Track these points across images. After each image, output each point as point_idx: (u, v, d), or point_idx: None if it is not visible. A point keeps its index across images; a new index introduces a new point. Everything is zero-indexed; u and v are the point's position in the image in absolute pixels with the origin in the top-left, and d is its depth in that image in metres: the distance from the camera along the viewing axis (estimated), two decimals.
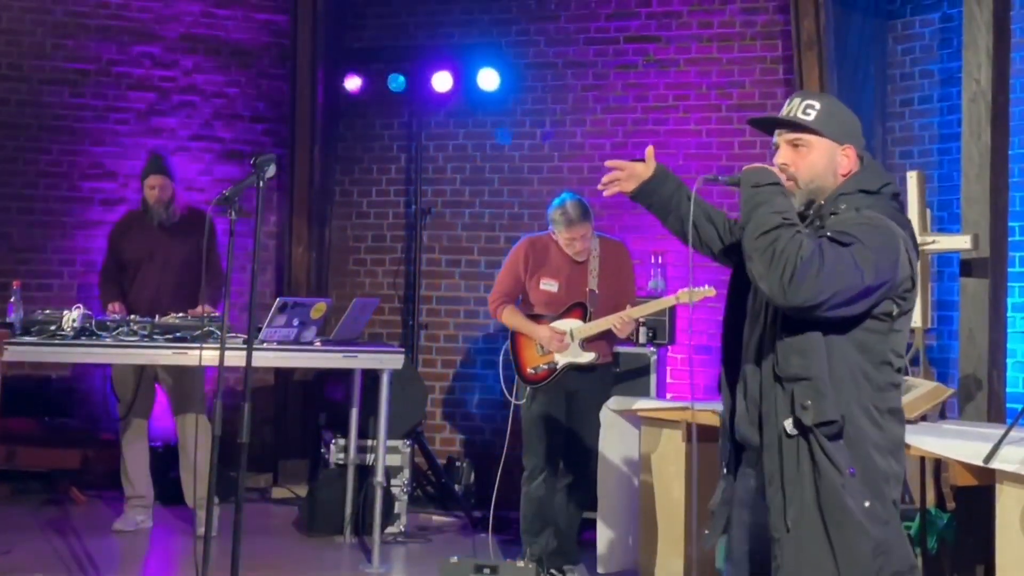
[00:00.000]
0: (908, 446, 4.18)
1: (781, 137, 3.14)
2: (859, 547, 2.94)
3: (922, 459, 5.15)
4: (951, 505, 5.70)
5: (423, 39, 8.32)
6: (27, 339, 5.50)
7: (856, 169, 3.11)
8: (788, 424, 2.97)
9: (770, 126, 3.20)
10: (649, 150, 3.40)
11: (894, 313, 3.00)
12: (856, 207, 3.01)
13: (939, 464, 5.59)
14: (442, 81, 8.03)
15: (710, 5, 7.78)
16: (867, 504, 2.95)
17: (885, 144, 7.31)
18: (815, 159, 3.09)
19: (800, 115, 3.09)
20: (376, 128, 8.47)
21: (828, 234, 2.91)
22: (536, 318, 5.76)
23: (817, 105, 3.10)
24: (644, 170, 3.36)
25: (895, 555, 3.00)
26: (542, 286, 5.78)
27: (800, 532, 2.97)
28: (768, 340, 3.05)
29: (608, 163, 3.43)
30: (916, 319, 6.03)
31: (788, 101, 3.17)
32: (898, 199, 3.15)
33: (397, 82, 8.11)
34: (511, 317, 5.82)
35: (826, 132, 3.08)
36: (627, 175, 3.37)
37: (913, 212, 6.06)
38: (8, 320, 5.54)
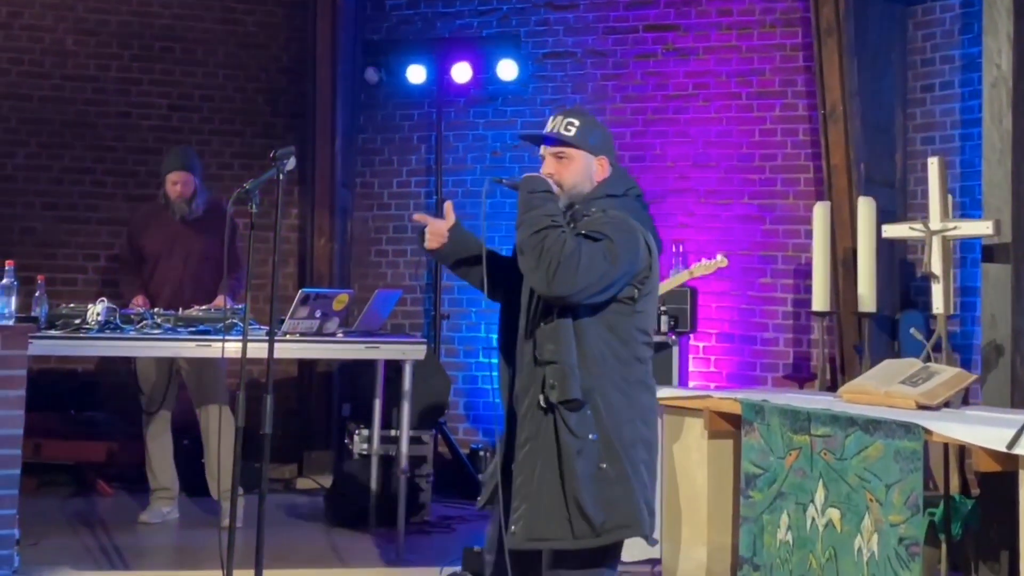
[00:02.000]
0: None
1: (547, 150, 3.65)
2: (587, 502, 3.41)
3: (945, 445, 5.16)
4: (975, 491, 5.70)
5: (442, 30, 8.34)
6: (52, 333, 5.53)
7: (606, 173, 3.63)
8: (540, 399, 3.46)
9: (537, 141, 3.71)
10: (447, 205, 3.81)
11: (636, 296, 3.51)
12: (603, 209, 3.52)
13: (963, 450, 5.59)
14: (461, 72, 8.06)
15: None
16: (603, 466, 3.44)
17: (906, 130, 7.29)
18: (575, 168, 3.61)
19: (562, 131, 3.62)
20: (396, 120, 8.49)
21: (583, 232, 3.42)
22: None
23: (576, 122, 3.63)
24: (445, 226, 3.76)
25: (619, 510, 3.46)
26: None
27: (542, 489, 3.46)
28: (531, 327, 3.53)
29: (416, 217, 3.88)
30: (938, 305, 6.02)
31: (552, 118, 3.68)
32: (641, 199, 3.69)
33: (417, 73, 8.14)
34: None
35: (583, 146, 3.61)
36: (432, 232, 3.75)
37: (935, 198, 6.05)
38: (33, 314, 5.57)
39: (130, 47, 8.20)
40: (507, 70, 8.01)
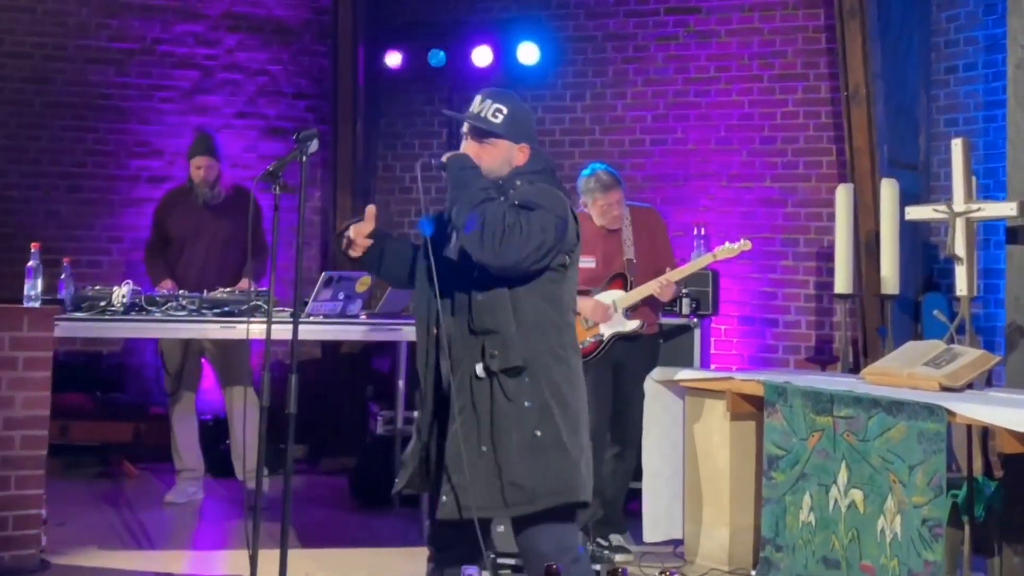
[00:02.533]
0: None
1: (470, 132, 3.69)
2: (519, 470, 3.47)
3: (969, 427, 5.15)
4: (999, 473, 5.69)
5: (463, 14, 8.34)
6: (78, 315, 5.55)
7: (526, 158, 3.68)
8: (478, 369, 3.51)
9: (466, 122, 3.72)
10: (370, 210, 3.85)
11: (566, 263, 3.63)
12: (529, 181, 3.62)
13: (986, 432, 5.58)
14: (482, 56, 8.06)
15: None
16: (537, 433, 3.48)
17: (930, 112, 7.26)
18: (496, 155, 3.66)
19: (490, 117, 3.65)
20: (417, 103, 8.50)
21: (517, 202, 3.51)
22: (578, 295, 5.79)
23: (505, 110, 3.66)
24: (365, 230, 3.80)
25: (552, 476, 3.49)
26: (579, 264, 5.83)
27: (473, 458, 3.49)
28: (462, 300, 3.57)
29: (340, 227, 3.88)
30: (962, 287, 6.01)
31: (479, 99, 3.70)
32: (555, 176, 3.76)
33: (438, 57, 8.15)
34: None
35: (508, 135, 3.66)
36: (356, 241, 3.78)
37: (958, 180, 6.02)
38: (59, 297, 5.61)
39: (152, 29, 8.22)
40: (528, 54, 8.01)
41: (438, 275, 3.58)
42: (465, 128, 3.72)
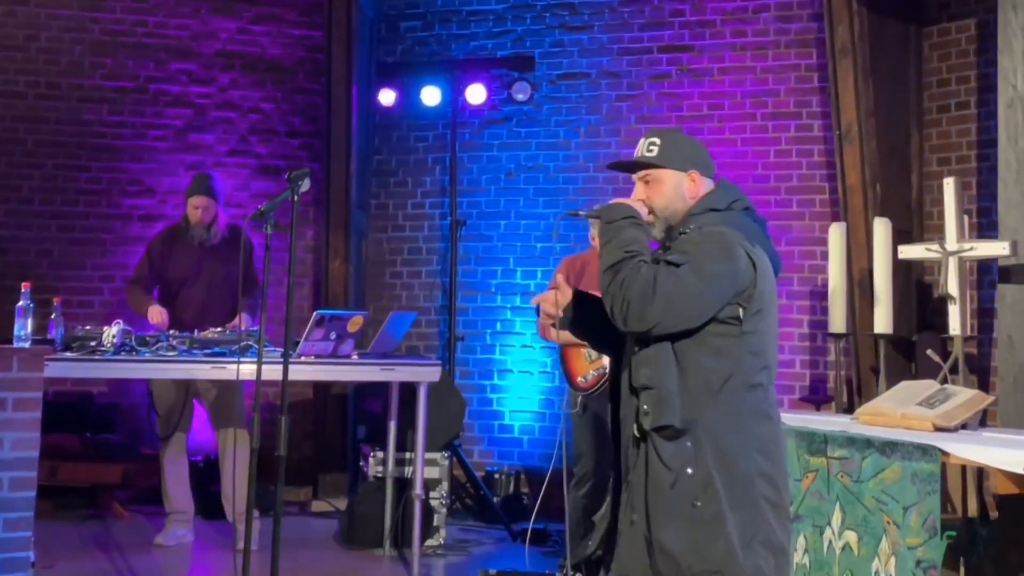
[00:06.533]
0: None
1: (636, 176, 3.45)
2: (671, 541, 3.12)
3: (963, 468, 5.13)
4: (993, 514, 5.66)
5: (456, 52, 8.36)
6: (68, 355, 5.55)
7: (707, 190, 3.40)
8: (634, 428, 3.20)
9: (624, 168, 3.54)
10: (560, 280, 3.53)
11: (741, 316, 3.18)
12: (700, 225, 3.27)
13: (980, 472, 5.56)
14: (476, 93, 8.08)
15: (744, 14, 7.77)
16: (696, 504, 3.11)
17: (922, 151, 7.27)
18: (664, 189, 3.38)
19: (645, 154, 3.42)
20: (411, 141, 8.51)
21: (666, 258, 3.17)
22: None
23: (659, 141, 3.41)
24: (563, 299, 3.50)
25: (708, 553, 3.10)
26: None
27: (633, 527, 3.21)
28: (628, 353, 3.29)
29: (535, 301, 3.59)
30: (955, 327, 6.00)
31: (639, 143, 3.46)
32: (751, 212, 3.43)
33: (431, 95, 8.16)
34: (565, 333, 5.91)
35: (669, 164, 3.39)
36: (550, 317, 3.52)
37: (951, 219, 6.03)
38: (49, 336, 5.59)
39: (146, 68, 8.24)
40: (521, 91, 8.03)
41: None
42: (634, 177, 3.47)
